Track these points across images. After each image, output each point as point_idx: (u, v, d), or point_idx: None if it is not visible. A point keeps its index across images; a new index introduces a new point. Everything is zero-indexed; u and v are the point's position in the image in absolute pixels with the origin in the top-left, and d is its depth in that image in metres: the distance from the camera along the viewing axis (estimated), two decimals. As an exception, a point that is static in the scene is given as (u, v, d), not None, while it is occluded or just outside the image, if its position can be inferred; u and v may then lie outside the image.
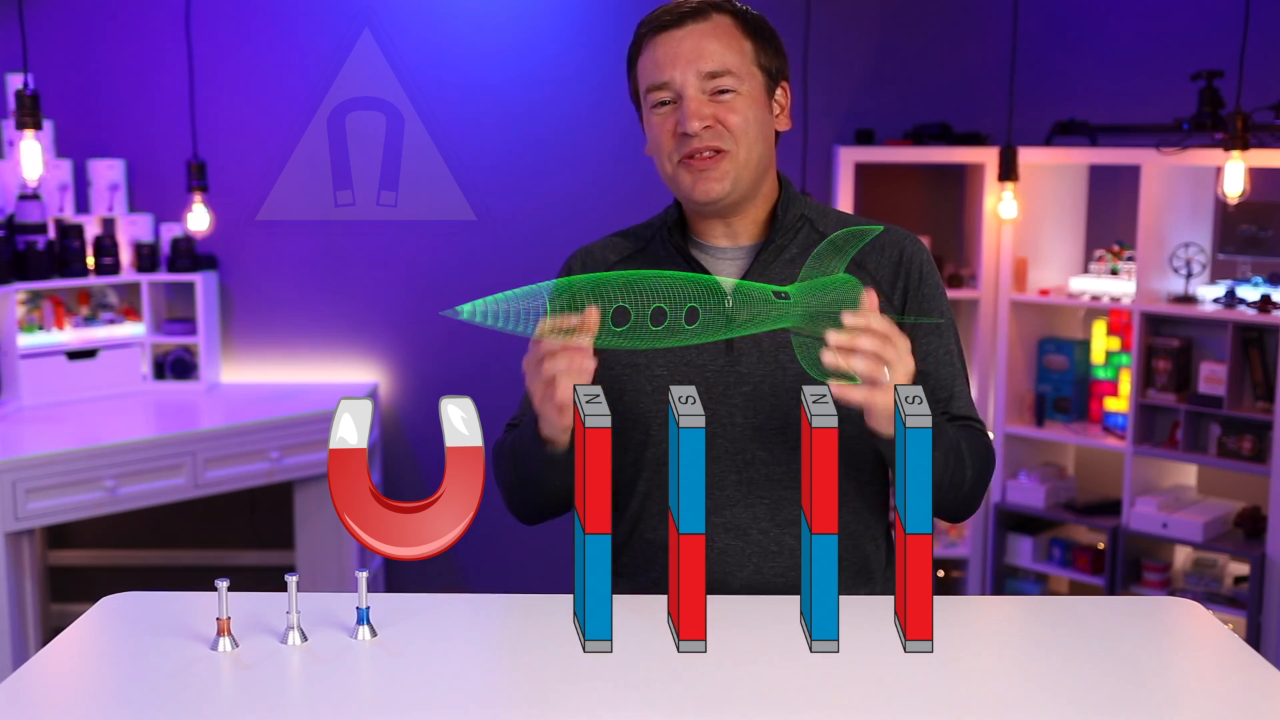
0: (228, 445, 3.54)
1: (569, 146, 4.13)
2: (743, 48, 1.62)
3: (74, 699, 1.31)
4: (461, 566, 4.29)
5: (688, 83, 1.59)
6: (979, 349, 4.01)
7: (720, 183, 1.61)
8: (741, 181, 1.62)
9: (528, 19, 4.09)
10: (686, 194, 1.64)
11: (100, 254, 3.82)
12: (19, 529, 3.16)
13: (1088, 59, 4.05)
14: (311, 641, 1.41)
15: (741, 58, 1.61)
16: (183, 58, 3.96)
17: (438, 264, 4.15)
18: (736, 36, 1.62)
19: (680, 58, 1.60)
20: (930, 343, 1.67)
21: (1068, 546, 3.97)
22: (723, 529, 1.64)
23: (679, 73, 1.59)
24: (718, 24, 1.61)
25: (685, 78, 1.59)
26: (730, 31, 1.62)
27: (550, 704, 1.26)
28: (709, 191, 1.61)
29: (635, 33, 1.67)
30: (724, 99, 1.60)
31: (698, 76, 1.59)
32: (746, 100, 1.61)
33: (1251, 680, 1.34)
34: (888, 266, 1.67)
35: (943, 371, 1.67)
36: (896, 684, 1.30)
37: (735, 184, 1.62)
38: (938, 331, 1.67)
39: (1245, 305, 3.57)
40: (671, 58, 1.60)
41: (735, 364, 1.63)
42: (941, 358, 1.67)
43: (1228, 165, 3.31)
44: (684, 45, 1.60)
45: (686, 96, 1.59)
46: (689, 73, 1.59)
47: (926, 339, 1.67)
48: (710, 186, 1.61)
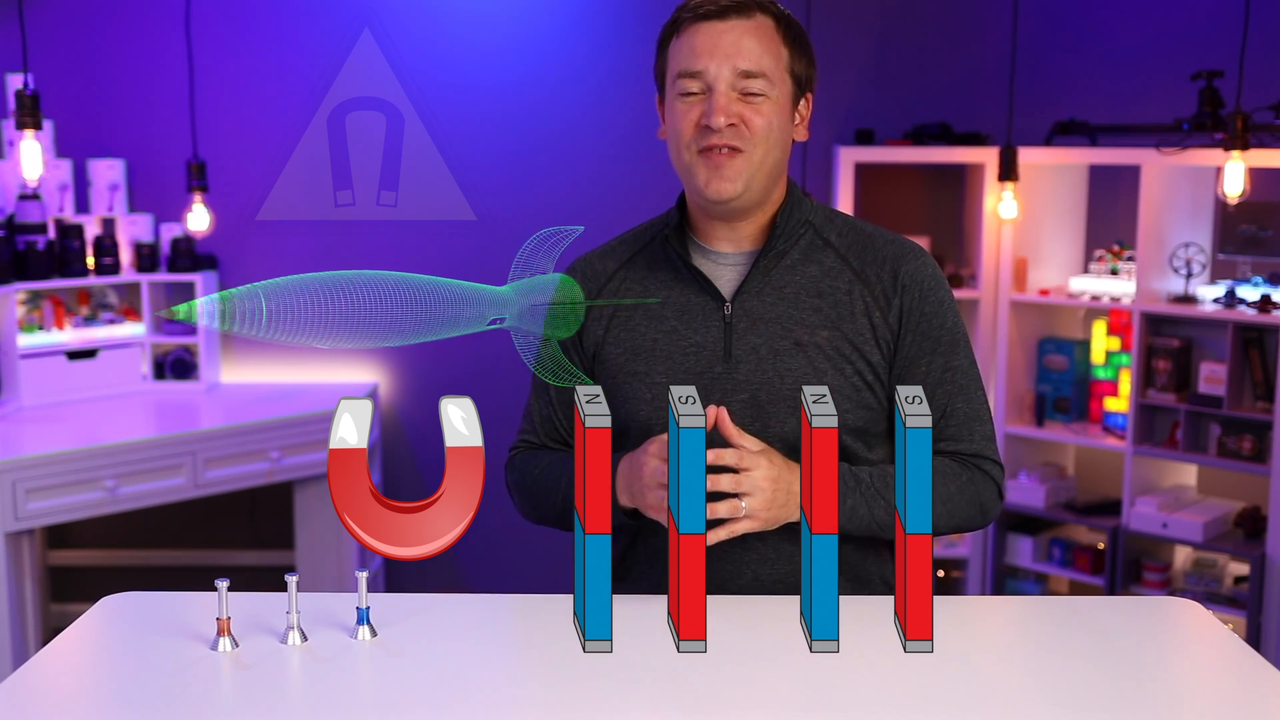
0: (228, 445, 3.54)
1: (569, 146, 4.13)
2: (779, 52, 1.61)
3: (74, 699, 1.31)
4: (461, 566, 4.29)
5: (721, 77, 1.58)
6: (979, 349, 4.01)
7: (734, 183, 1.59)
8: (754, 185, 1.61)
9: (528, 19, 4.09)
10: (699, 188, 1.62)
11: (100, 254, 3.82)
12: (19, 529, 3.16)
13: (1088, 59, 4.05)
14: (311, 641, 1.41)
15: (777, 62, 1.60)
16: (183, 58, 3.96)
17: (438, 264, 4.15)
18: (775, 40, 1.60)
19: (719, 50, 1.58)
20: (926, 363, 1.65)
21: (1068, 546, 3.97)
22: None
23: (715, 64, 1.58)
24: (760, 24, 1.60)
25: (720, 71, 1.58)
26: (771, 34, 1.60)
27: (550, 704, 1.26)
28: (721, 190, 1.60)
29: (675, 14, 1.64)
30: (753, 100, 1.59)
31: (732, 72, 1.58)
32: (774, 105, 1.60)
33: (1251, 680, 1.34)
34: (887, 279, 1.65)
35: (937, 392, 1.65)
36: (896, 684, 1.30)
37: (748, 186, 1.60)
38: (934, 351, 1.65)
39: (1245, 305, 3.57)
40: (709, 48, 1.58)
41: (733, 371, 1.63)
42: (939, 377, 1.65)
43: (1228, 165, 3.30)
44: (724, 39, 1.58)
45: (717, 91, 1.58)
46: (724, 67, 1.58)
47: (922, 360, 1.65)
48: (723, 185, 1.60)
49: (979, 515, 1.66)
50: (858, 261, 1.66)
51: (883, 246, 1.67)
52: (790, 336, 1.62)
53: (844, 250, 1.67)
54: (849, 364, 1.62)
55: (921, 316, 1.65)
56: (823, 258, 1.66)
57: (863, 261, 1.66)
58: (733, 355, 1.63)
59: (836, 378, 1.62)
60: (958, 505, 1.63)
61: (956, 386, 1.66)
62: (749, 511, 1.50)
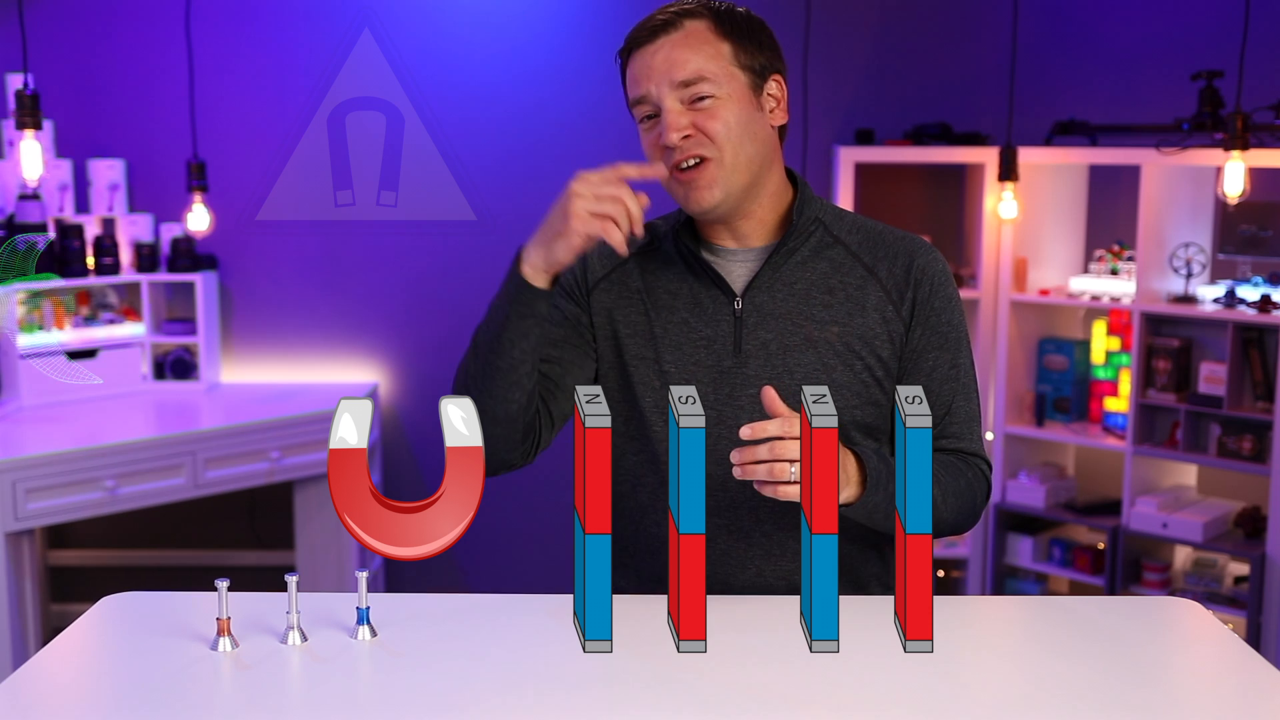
0: (228, 445, 3.54)
1: (569, 146, 4.12)
2: (719, 50, 1.60)
3: (74, 699, 1.31)
4: (461, 566, 4.29)
5: (663, 95, 1.59)
6: (979, 349, 4.01)
7: (709, 190, 1.59)
8: (733, 186, 1.60)
9: (527, 19, 4.09)
10: (682, 205, 1.64)
11: (100, 254, 3.82)
12: (19, 529, 3.16)
13: (1088, 59, 4.05)
14: (311, 641, 1.41)
15: (718, 61, 1.59)
16: (183, 58, 3.96)
17: (438, 264, 4.15)
18: (711, 40, 1.60)
19: (654, 71, 1.59)
20: (934, 358, 1.65)
21: (1068, 546, 3.97)
22: (725, 530, 1.63)
23: (654, 85, 1.59)
24: (690, 31, 1.59)
25: (660, 90, 1.59)
26: (704, 36, 1.59)
27: (550, 704, 1.26)
28: (700, 201, 1.60)
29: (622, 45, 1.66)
30: (703, 105, 1.58)
31: (672, 87, 1.58)
32: (726, 104, 1.59)
33: (1251, 680, 1.34)
34: (899, 274, 1.65)
35: (943, 388, 1.65)
36: (896, 684, 1.30)
37: (726, 190, 1.60)
38: (942, 346, 1.66)
39: (1245, 305, 3.57)
40: (646, 72, 1.60)
41: (743, 365, 1.63)
42: (945, 373, 1.66)
43: (1228, 165, 3.30)
44: (656, 59, 1.59)
45: (665, 109, 1.59)
46: (663, 85, 1.58)
47: (930, 354, 1.65)
48: (700, 195, 1.60)
49: (972, 515, 1.67)
50: (869, 257, 1.66)
51: (894, 242, 1.68)
52: (800, 332, 1.63)
53: (855, 247, 1.67)
54: (859, 359, 1.63)
55: (932, 311, 1.65)
56: (833, 254, 1.66)
57: (874, 257, 1.66)
58: (743, 350, 1.63)
59: (846, 374, 1.62)
60: (963, 502, 1.63)
61: (960, 385, 1.67)
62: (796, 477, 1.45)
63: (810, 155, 4.06)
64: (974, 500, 1.65)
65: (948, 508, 1.60)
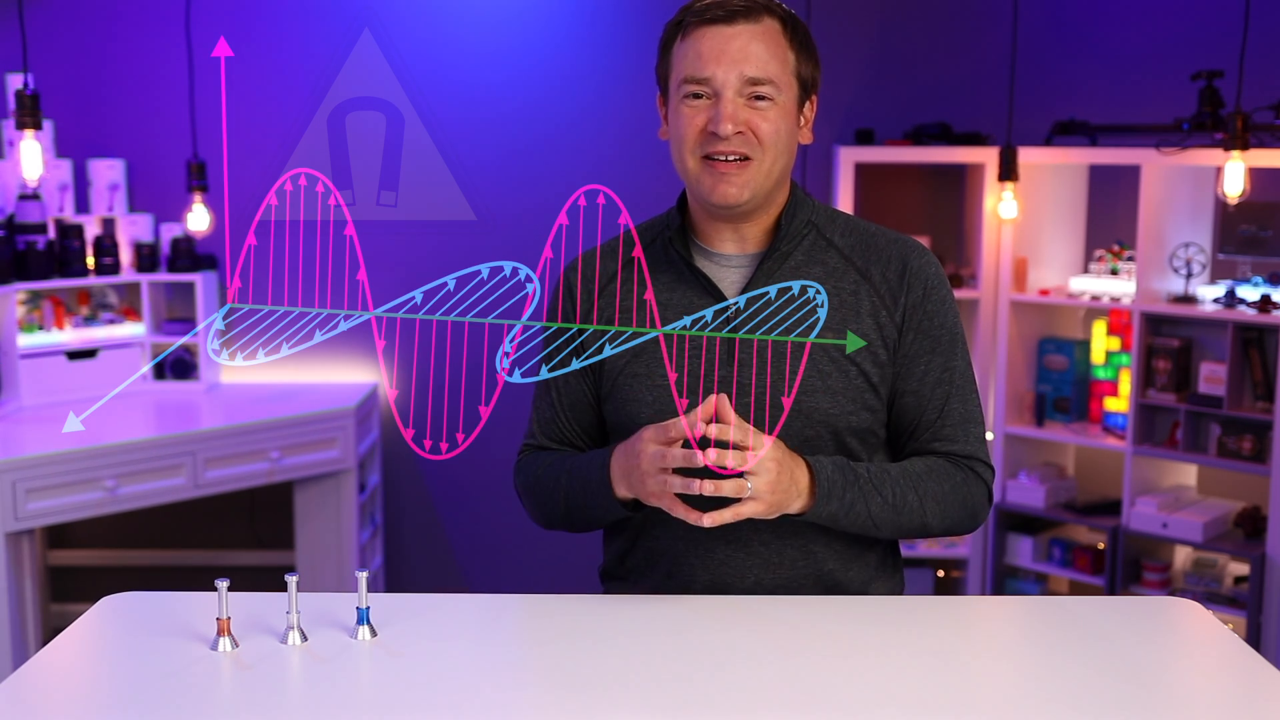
0: (228, 445, 3.54)
1: (569, 146, 4.12)
2: (786, 56, 1.58)
3: (74, 699, 1.31)
4: (461, 566, 4.29)
5: (728, 84, 1.55)
6: (979, 349, 4.01)
7: (741, 190, 1.58)
8: (761, 190, 1.60)
9: (527, 19, 4.09)
10: (704, 195, 1.61)
11: (100, 254, 3.81)
12: (19, 529, 3.16)
13: (1088, 59, 4.05)
14: (311, 641, 1.41)
15: (784, 66, 1.58)
16: (183, 58, 3.96)
17: (438, 264, 4.15)
18: (782, 44, 1.58)
19: (726, 56, 1.55)
20: (927, 361, 1.65)
21: (1068, 546, 3.97)
22: (723, 539, 1.62)
23: (722, 71, 1.55)
24: (768, 28, 1.57)
25: (727, 78, 1.55)
26: (777, 38, 1.58)
27: (550, 704, 1.26)
28: (727, 196, 1.58)
29: (679, 14, 1.61)
30: (760, 106, 1.57)
31: (739, 79, 1.55)
32: (780, 110, 1.58)
33: (1251, 680, 1.34)
34: (893, 277, 1.65)
35: (936, 391, 1.65)
36: (896, 684, 1.30)
37: (754, 193, 1.59)
38: (935, 350, 1.65)
39: (1245, 305, 3.57)
40: (716, 54, 1.56)
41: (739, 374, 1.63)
42: (938, 377, 1.65)
43: (1228, 165, 3.30)
44: (732, 44, 1.55)
45: (724, 98, 1.56)
46: (732, 74, 1.55)
47: (923, 358, 1.65)
48: (729, 191, 1.58)
49: (969, 518, 1.66)
50: (862, 261, 1.66)
51: (887, 245, 1.67)
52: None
53: (848, 250, 1.66)
54: (853, 364, 1.62)
55: (925, 314, 1.65)
56: (826, 258, 1.66)
57: (867, 260, 1.66)
58: (736, 359, 1.62)
59: (840, 379, 1.61)
60: (950, 506, 1.63)
61: (954, 387, 1.66)
62: (754, 492, 1.47)
63: (810, 155, 4.06)
64: (967, 502, 1.65)
65: (929, 511, 1.60)
